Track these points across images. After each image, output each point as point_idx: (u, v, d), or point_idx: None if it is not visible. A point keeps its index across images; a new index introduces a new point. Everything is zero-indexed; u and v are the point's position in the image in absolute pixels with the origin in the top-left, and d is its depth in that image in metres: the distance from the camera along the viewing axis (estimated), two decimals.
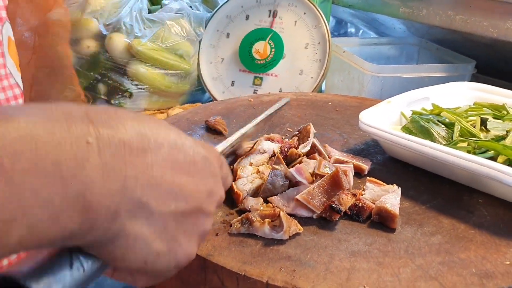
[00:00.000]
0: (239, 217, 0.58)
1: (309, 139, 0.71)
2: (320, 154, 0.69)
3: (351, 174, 0.65)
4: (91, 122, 0.32)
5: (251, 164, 0.68)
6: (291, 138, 0.75)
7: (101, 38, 1.14)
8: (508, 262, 0.54)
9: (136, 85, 1.17)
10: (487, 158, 0.63)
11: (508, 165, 0.63)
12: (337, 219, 0.60)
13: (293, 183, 0.62)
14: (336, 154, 0.73)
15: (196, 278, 0.55)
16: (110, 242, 0.35)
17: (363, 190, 0.65)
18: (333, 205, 0.58)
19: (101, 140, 0.32)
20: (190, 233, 0.40)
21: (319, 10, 1.18)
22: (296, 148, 0.70)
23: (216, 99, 1.21)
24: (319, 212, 0.59)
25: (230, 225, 0.58)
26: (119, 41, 1.14)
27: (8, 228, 0.28)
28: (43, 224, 0.30)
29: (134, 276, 0.41)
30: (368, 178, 0.66)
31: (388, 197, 0.61)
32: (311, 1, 1.18)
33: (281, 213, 0.56)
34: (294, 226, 0.56)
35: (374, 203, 0.61)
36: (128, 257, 0.36)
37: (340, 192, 0.59)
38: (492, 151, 0.67)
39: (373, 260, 0.54)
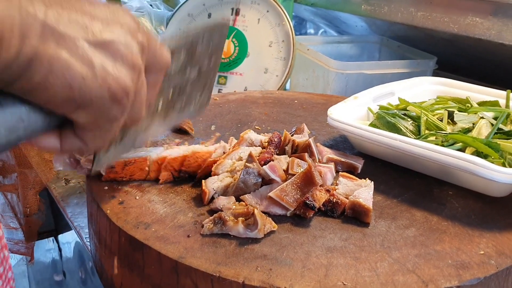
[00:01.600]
0: (211, 217, 0.56)
1: (303, 133, 0.71)
2: (311, 155, 0.68)
3: (329, 174, 0.64)
4: None
5: (240, 159, 0.66)
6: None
7: None
8: (482, 252, 0.54)
9: None
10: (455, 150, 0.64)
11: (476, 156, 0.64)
12: (311, 215, 0.58)
13: (266, 181, 0.61)
14: (329, 153, 0.72)
15: (168, 282, 0.53)
16: (26, 69, 0.35)
17: (336, 185, 0.64)
18: (307, 201, 0.57)
19: None
20: (114, 61, 0.40)
21: (282, 8, 1.17)
22: (287, 144, 0.69)
23: None
24: (292, 209, 0.58)
25: (202, 226, 0.56)
26: None
27: None
28: None
29: (80, 131, 0.42)
30: (341, 173, 0.66)
31: (361, 191, 0.60)
32: None
33: (255, 211, 0.54)
34: (268, 224, 0.55)
35: (347, 198, 0.60)
36: (49, 82, 0.37)
37: (313, 189, 0.58)
38: (460, 144, 0.68)
39: (350, 256, 0.53)
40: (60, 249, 1.34)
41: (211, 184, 0.63)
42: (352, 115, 0.79)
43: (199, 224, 0.57)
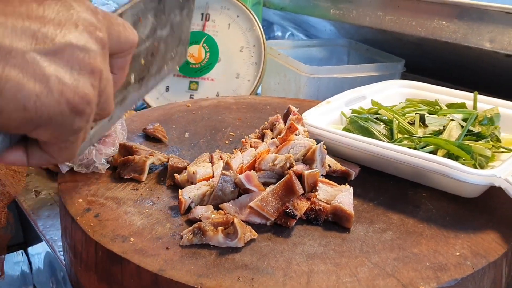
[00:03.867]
0: (190, 228, 0.56)
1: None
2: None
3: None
4: None
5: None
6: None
7: None
8: (458, 253, 0.55)
9: None
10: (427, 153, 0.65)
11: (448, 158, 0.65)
12: (293, 224, 0.58)
13: (244, 189, 0.60)
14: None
15: None
16: None
17: (316, 191, 0.64)
18: (287, 210, 0.57)
19: None
20: (70, 69, 0.37)
21: (252, 13, 1.17)
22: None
23: (150, 106, 1.17)
24: (273, 219, 0.58)
25: (181, 237, 0.56)
26: None
27: None
28: None
29: (44, 146, 0.40)
30: (320, 178, 0.66)
31: (342, 196, 0.60)
32: (243, 4, 1.17)
33: (235, 220, 0.54)
34: (248, 232, 0.55)
35: (328, 204, 0.60)
36: (2, 105, 0.34)
37: (294, 198, 0.58)
38: (432, 146, 0.69)
39: (330, 262, 0.53)
40: (30, 262, 1.30)
41: (187, 193, 0.62)
42: (326, 119, 0.80)
43: (177, 235, 0.57)
